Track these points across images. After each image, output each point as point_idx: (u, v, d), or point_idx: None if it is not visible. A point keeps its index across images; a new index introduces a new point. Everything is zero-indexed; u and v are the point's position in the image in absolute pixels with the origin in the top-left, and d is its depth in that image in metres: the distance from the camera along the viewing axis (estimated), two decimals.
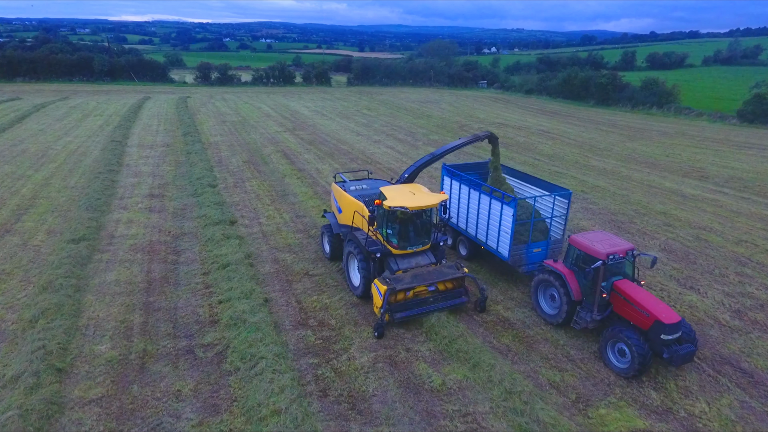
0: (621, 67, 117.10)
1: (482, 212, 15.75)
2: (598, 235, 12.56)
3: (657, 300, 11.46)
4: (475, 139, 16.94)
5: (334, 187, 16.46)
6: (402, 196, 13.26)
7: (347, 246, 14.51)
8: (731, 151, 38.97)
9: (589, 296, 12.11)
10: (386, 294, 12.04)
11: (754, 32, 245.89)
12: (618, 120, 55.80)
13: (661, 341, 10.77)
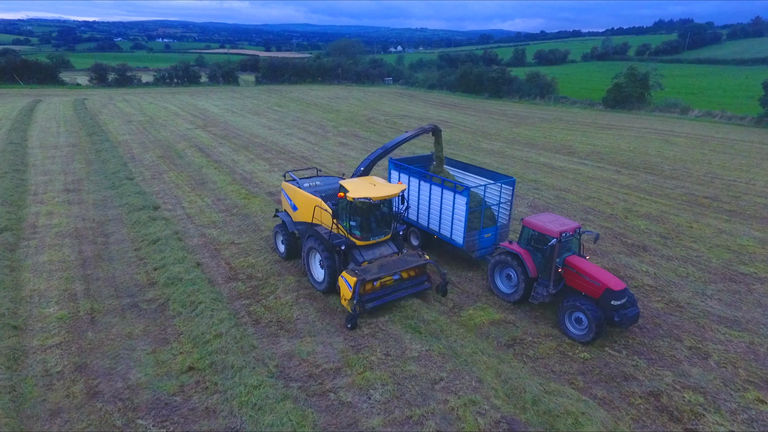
0: (513, 64, 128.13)
1: (434, 203, 16.20)
2: (548, 216, 13.67)
3: (604, 270, 12.73)
4: (421, 131, 17.13)
5: (286, 186, 16.33)
6: (363, 188, 13.37)
7: (308, 242, 14.40)
8: (596, 131, 46.00)
9: (545, 272, 13.09)
10: (356, 285, 12.18)
11: (625, 31, 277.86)
12: (507, 109, 62.39)
13: (611, 307, 11.91)
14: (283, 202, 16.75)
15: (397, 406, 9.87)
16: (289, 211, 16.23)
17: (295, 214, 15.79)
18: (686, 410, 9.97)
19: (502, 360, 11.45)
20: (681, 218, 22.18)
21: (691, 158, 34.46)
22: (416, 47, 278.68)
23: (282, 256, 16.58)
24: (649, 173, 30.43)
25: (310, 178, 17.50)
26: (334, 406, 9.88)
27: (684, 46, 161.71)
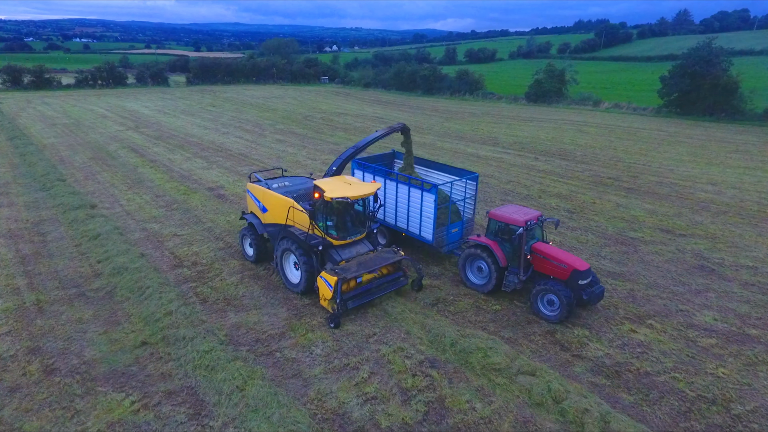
0: (445, 62, 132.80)
1: (401, 201, 16.30)
2: (511, 207, 14.32)
3: (568, 253, 13.57)
4: (391, 130, 17.11)
5: (253, 188, 16.01)
6: (339, 187, 13.34)
7: (281, 244, 14.10)
8: (518, 124, 49.55)
9: (514, 261, 13.67)
10: (338, 284, 12.21)
11: (549, 31, 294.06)
12: (439, 106, 65.30)
13: (579, 286, 12.73)
14: (249, 204, 16.33)
15: (336, 357, 11.32)
16: (258, 212, 15.81)
17: (265, 215, 15.41)
18: (574, 341, 12.15)
19: (427, 316, 13.18)
20: (587, 196, 25.13)
21: (599, 145, 38.30)
22: (351, 47, 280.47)
23: (251, 260, 16.07)
24: (563, 159, 33.68)
25: (278, 178, 17.08)
26: (281, 362, 11.17)
27: (600, 45, 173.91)
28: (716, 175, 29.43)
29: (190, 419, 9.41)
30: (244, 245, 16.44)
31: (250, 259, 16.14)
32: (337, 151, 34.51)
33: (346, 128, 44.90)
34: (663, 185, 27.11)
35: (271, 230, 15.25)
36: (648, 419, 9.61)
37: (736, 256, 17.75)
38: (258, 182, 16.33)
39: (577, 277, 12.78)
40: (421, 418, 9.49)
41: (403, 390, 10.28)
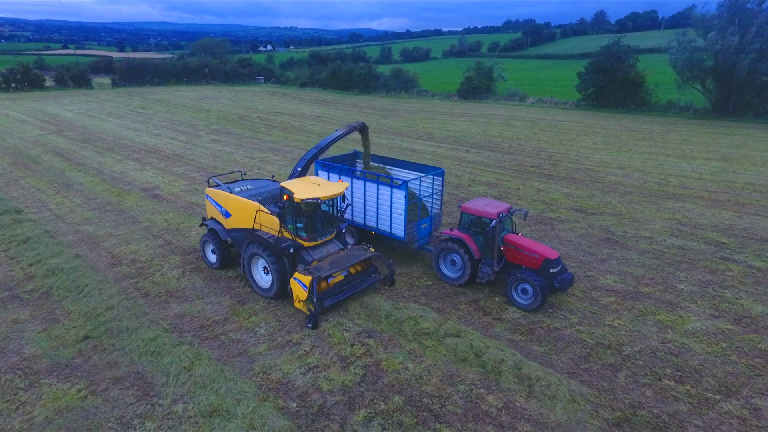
0: (381, 61, 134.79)
1: (370, 199, 16.15)
2: (481, 201, 14.71)
3: (539, 243, 14.05)
4: (351, 129, 16.97)
5: (213, 192, 15.51)
6: (308, 188, 13.19)
7: (249, 249, 13.80)
8: (451, 119, 51.78)
9: (487, 253, 14.06)
10: (312, 284, 12.19)
11: (480, 30, 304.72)
12: (376, 104, 66.67)
13: (550, 274, 13.17)
14: (209, 209, 15.82)
15: (279, 336, 12.08)
16: (220, 218, 15.37)
17: (228, 221, 14.99)
18: (495, 307, 13.60)
19: (364, 294, 14.19)
20: (512, 183, 27.16)
21: (525, 137, 41.01)
22: (287, 46, 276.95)
23: (214, 267, 15.57)
24: (492, 150, 35.87)
25: (238, 182, 16.53)
26: (226, 343, 11.78)
27: (527, 44, 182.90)
28: (625, 160, 32.57)
29: (139, 400, 9.85)
30: (205, 252, 15.89)
31: (213, 266, 15.62)
32: (276, 150, 34.83)
33: (283, 127, 45.11)
34: (579, 171, 29.73)
35: (235, 235, 14.86)
36: (554, 364, 11.13)
37: (637, 229, 20.11)
38: (217, 187, 15.78)
39: (548, 265, 13.19)
40: (359, 380, 10.48)
41: (343, 358, 11.22)
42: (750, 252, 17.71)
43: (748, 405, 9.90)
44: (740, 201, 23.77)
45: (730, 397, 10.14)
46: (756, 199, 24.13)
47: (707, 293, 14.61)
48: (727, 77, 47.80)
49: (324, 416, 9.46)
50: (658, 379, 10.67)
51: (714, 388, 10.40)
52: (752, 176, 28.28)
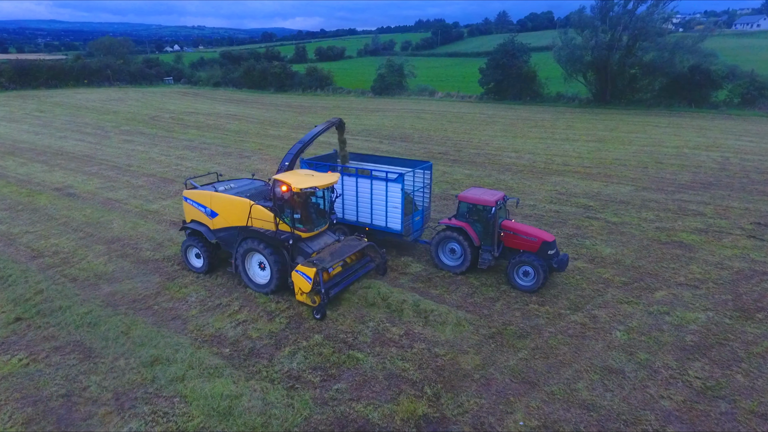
0: (296, 60, 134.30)
1: (363, 196, 16.13)
2: (477, 190, 15.29)
3: (534, 227, 14.90)
4: (330, 124, 16.65)
5: (193, 194, 15.08)
6: (303, 179, 13.28)
7: (243, 246, 13.71)
8: (366, 114, 54.15)
9: (486, 239, 14.63)
10: (318, 275, 12.38)
11: (393, 30, 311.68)
12: (292, 102, 67.54)
13: (548, 256, 13.86)
14: (189, 212, 15.34)
15: (209, 300, 13.46)
16: (204, 219, 14.99)
17: (215, 221, 14.69)
18: (401, 264, 15.86)
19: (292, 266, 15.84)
20: None
21: (434, 128, 44.27)
22: (196, 46, 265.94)
23: (200, 271, 15.11)
24: (404, 141, 38.58)
25: (218, 182, 15.96)
26: (159, 311, 12.95)
27: (437, 43, 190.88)
28: (519, 145, 36.63)
29: (81, 362, 10.87)
30: (188, 258, 15.38)
31: (200, 270, 15.12)
32: (193, 147, 35.07)
33: (199, 126, 44.96)
34: (480, 155, 33.16)
35: (224, 235, 14.62)
36: (447, 301, 13.57)
37: (524, 199, 23.39)
38: (194, 189, 15.34)
39: (546, 248, 13.89)
40: (284, 327, 12.21)
41: (268, 312, 12.87)
42: (609, 211, 21.53)
43: (589, 315, 12.91)
44: (608, 173, 28.18)
45: (577, 311, 13.11)
46: (620, 171, 28.69)
47: (572, 242, 17.91)
48: (603, 71, 54.56)
49: (254, 355, 11.10)
50: (525, 304, 13.44)
51: (566, 306, 13.34)
52: (620, 153, 33.26)
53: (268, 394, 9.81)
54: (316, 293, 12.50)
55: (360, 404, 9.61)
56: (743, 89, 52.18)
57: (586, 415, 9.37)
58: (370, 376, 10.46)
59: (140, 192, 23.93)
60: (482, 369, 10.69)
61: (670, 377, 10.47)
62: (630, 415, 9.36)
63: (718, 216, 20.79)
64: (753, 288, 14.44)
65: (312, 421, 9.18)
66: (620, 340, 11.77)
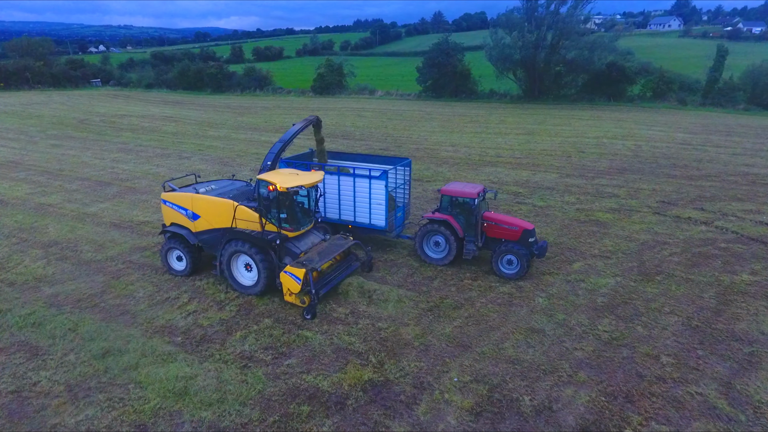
0: (233, 60, 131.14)
1: (346, 194, 16.22)
2: (458, 184, 15.80)
3: (514, 217, 15.73)
4: (308, 123, 16.43)
5: (173, 197, 14.68)
6: (288, 178, 13.10)
7: (228, 248, 13.45)
8: (307, 113, 54.12)
9: (469, 231, 15.13)
10: (308, 275, 12.33)
11: (331, 29, 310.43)
12: (231, 102, 66.50)
13: (529, 244, 14.55)
14: (168, 215, 14.93)
15: (158, 295, 13.71)
16: (184, 222, 14.62)
17: (196, 223, 14.37)
18: None
19: None
20: None
21: (374, 125, 45.37)
22: (123, 46, 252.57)
23: (183, 274, 14.77)
24: (345, 138, 39.36)
25: (198, 184, 15.55)
26: (106, 308, 13.06)
27: (376, 42, 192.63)
28: (456, 139, 38.44)
29: (29, 360, 10.89)
30: (169, 261, 15.00)
31: (181, 273, 14.81)
32: (128, 150, 34.13)
33: (133, 129, 43.58)
34: (419, 150, 34.56)
35: (206, 237, 14.33)
36: (389, 281, 14.58)
37: None
38: (173, 191, 14.99)
39: (527, 236, 14.55)
40: (234, 314, 12.73)
41: (218, 302, 13.34)
42: (536, 197, 23.41)
43: (516, 286, 14.34)
44: (536, 163, 30.38)
45: (505, 283, 14.51)
46: (547, 161, 30.98)
47: None
48: (531, 68, 57.96)
49: (206, 341, 11.58)
50: (460, 280, 14.71)
51: (496, 279, 14.72)
52: (547, 145, 35.78)
53: (222, 373, 10.37)
54: (305, 294, 12.51)
55: (310, 375, 10.38)
56: (654, 84, 57.23)
57: (511, 368, 10.65)
58: (319, 351, 11.24)
59: (75, 196, 23.27)
60: (421, 338, 11.76)
61: (582, 332, 12.01)
62: (548, 365, 10.74)
63: (629, 197, 23.19)
64: (654, 256, 16.51)
65: (265, 393, 9.85)
66: (542, 305, 13.25)
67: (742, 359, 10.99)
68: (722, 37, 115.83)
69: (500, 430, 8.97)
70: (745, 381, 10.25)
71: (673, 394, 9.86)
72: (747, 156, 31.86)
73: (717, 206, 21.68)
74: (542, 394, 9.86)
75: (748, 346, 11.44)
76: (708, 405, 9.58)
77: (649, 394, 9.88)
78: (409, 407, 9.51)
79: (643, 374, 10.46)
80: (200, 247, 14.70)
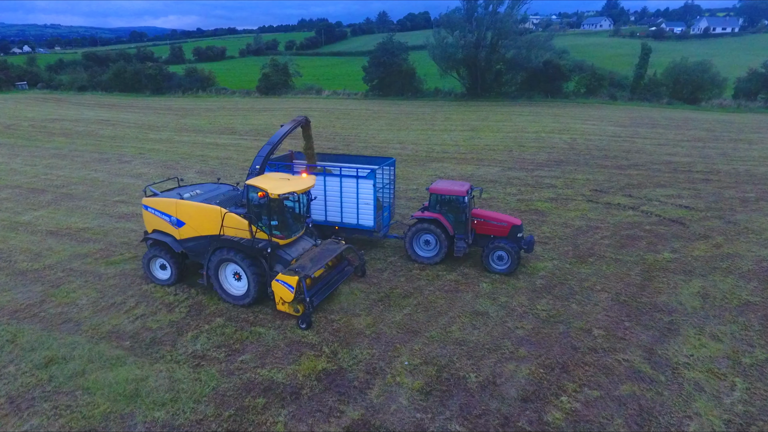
0: (173, 61, 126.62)
1: (332, 194, 15.97)
2: (445, 182, 15.88)
3: (501, 213, 15.91)
4: (296, 123, 15.73)
5: (155, 202, 13.97)
6: (279, 184, 12.55)
7: (216, 256, 12.79)
8: (254, 114, 53.65)
9: (459, 228, 15.14)
10: (300, 283, 11.80)
11: (275, 29, 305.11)
12: (172, 104, 64.33)
13: (518, 239, 14.81)
14: (150, 221, 14.24)
15: (102, 301, 13.35)
16: (168, 229, 13.91)
17: (181, 230, 13.66)
18: None
19: None
20: None
21: (322, 125, 45.30)
22: (51, 47, 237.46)
23: (167, 283, 14.16)
24: (293, 138, 38.43)
25: (182, 188, 14.91)
26: (47, 318, 12.59)
27: (322, 42, 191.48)
28: (403, 137, 39.16)
29: None
30: (152, 270, 14.34)
31: (165, 282, 14.17)
32: (63, 156, 32.56)
33: (66, 134, 41.41)
34: (367, 148, 34.98)
35: (192, 245, 13.63)
36: None
37: (407, 184, 25.51)
38: (155, 196, 14.25)
39: (515, 231, 14.81)
40: (184, 315, 12.63)
41: (167, 304, 13.17)
42: None
43: (462, 273, 15.04)
44: (480, 158, 31.55)
45: (452, 271, 15.18)
46: (490, 155, 32.25)
47: None
48: (473, 67, 59.83)
49: (156, 344, 11.45)
50: (409, 271, 15.25)
51: (443, 268, 15.37)
52: (490, 140, 37.17)
53: (174, 373, 10.34)
54: (299, 302, 12.02)
55: (264, 369, 10.54)
56: (587, 81, 60.55)
57: (458, 349, 11.26)
58: (272, 345, 11.40)
59: (5, 205, 22.00)
60: (373, 326, 12.17)
61: (523, 312, 12.83)
62: (492, 344, 11.44)
63: (566, 187, 24.65)
64: (588, 240, 17.75)
65: (220, 390, 9.93)
66: (486, 290, 14.00)
67: (663, 328, 12.14)
68: (648, 37, 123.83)
69: (449, 406, 9.52)
70: (665, 347, 11.36)
71: (604, 362, 10.79)
72: (669, 146, 34.50)
73: (643, 192, 23.47)
74: (487, 370, 10.52)
75: (668, 316, 12.64)
76: (633, 369, 10.56)
77: (583, 363, 10.76)
78: (362, 392, 9.88)
79: (577, 346, 11.36)
80: (185, 254, 13.98)
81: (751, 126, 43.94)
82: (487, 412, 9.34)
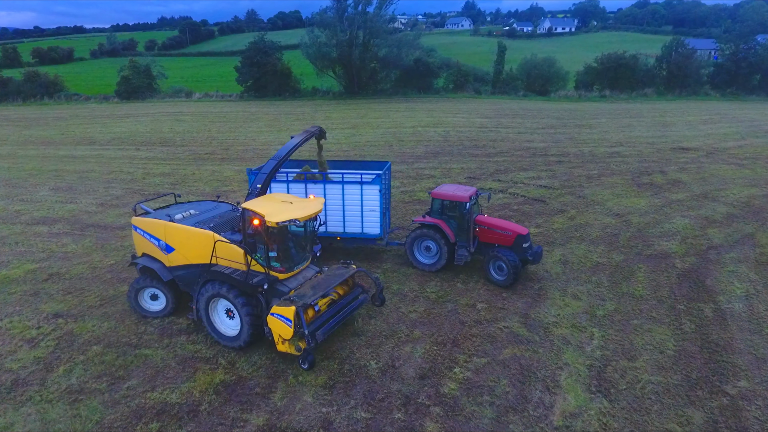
0: (6, 64, 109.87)
1: (333, 203, 15.10)
2: (449, 186, 14.97)
3: (507, 221, 14.93)
4: (309, 135, 14.53)
5: (144, 222, 12.19)
6: (279, 208, 10.78)
7: (206, 290, 11.02)
8: (114, 121, 48.84)
9: (461, 235, 14.41)
10: (298, 314, 9.96)
11: (131, 27, 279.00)
12: (11, 114, 56.04)
13: (523, 249, 13.84)
14: (140, 244, 12.47)
15: None
16: (157, 254, 12.17)
17: (170, 257, 11.93)
18: None
19: None
20: (187, 170, 29.05)
21: (196, 129, 42.86)
22: None
23: (161, 315, 12.38)
24: (164, 145, 36.50)
25: (173, 206, 13.20)
26: None
27: (187, 42, 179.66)
28: (285, 138, 38.03)
29: None
30: (139, 302, 12.50)
31: (158, 314, 12.39)
32: None
33: None
34: (248, 152, 33.91)
35: (182, 274, 11.95)
36: None
37: None
38: (146, 214, 12.49)
39: (520, 241, 13.91)
40: (52, 350, 11.24)
41: (29, 340, 11.58)
42: None
43: None
44: (362, 154, 32.28)
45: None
46: (372, 151, 33.17)
47: None
48: (348, 65, 60.83)
49: (20, 385, 10.07)
50: None
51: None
52: (370, 136, 38.21)
53: (47, 414, 9.21)
54: (299, 338, 10.16)
55: (155, 392, 9.85)
56: (455, 77, 64.94)
57: (357, 340, 11.59)
58: (162, 366, 10.68)
59: None
60: None
61: (414, 297, 13.58)
62: (388, 331, 11.95)
63: (443, 176, 26.32)
64: None
65: (105, 422, 9.08)
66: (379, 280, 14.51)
67: (534, 294, 13.70)
68: (503, 36, 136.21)
69: (353, 395, 9.78)
70: (537, 310, 12.83)
71: (488, 332, 11.88)
72: (528, 134, 38.52)
73: (509, 176, 25.98)
74: (385, 356, 10.99)
75: (538, 284, 14.28)
76: (513, 334, 11.78)
77: (470, 335, 11.73)
78: (265, 397, 9.73)
79: (464, 321, 12.34)
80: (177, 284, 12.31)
81: (590, 113, 50.73)
82: (389, 395, 9.78)
